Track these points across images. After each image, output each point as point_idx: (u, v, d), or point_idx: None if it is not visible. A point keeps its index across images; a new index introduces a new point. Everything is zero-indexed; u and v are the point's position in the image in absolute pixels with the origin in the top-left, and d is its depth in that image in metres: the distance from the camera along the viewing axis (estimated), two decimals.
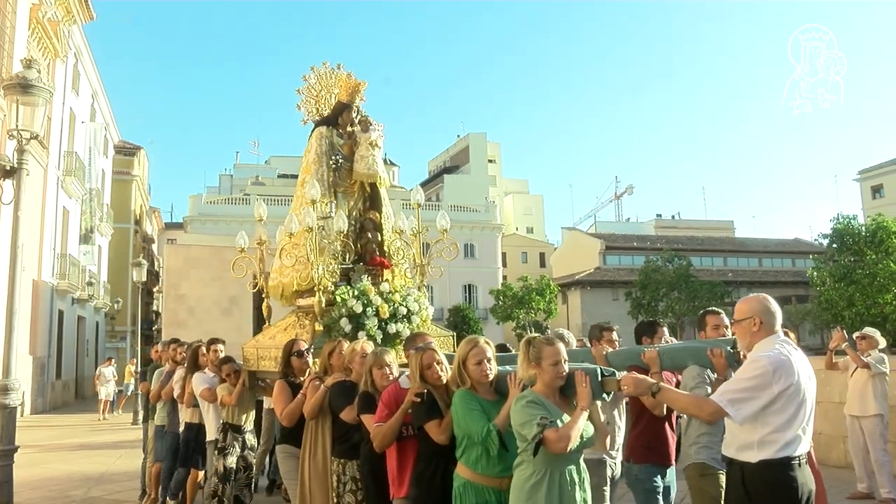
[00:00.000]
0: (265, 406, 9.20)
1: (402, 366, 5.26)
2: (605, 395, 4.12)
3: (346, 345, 5.84)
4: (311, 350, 6.09)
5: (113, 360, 26.93)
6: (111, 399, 24.35)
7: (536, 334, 4.37)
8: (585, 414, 3.93)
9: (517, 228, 73.93)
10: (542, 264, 66.31)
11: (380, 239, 7.22)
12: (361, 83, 7.23)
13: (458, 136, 72.32)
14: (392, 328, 6.55)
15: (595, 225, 74.77)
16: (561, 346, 4.17)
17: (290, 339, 6.16)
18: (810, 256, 47.37)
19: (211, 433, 7.41)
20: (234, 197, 54.29)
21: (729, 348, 4.88)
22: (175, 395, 8.20)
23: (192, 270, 26.75)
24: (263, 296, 7.47)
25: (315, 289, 6.49)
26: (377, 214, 7.30)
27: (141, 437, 10.61)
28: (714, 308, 5.65)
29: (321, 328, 6.41)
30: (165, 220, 65.52)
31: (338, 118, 7.35)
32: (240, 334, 12.20)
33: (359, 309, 6.37)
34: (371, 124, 7.28)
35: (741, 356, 4.99)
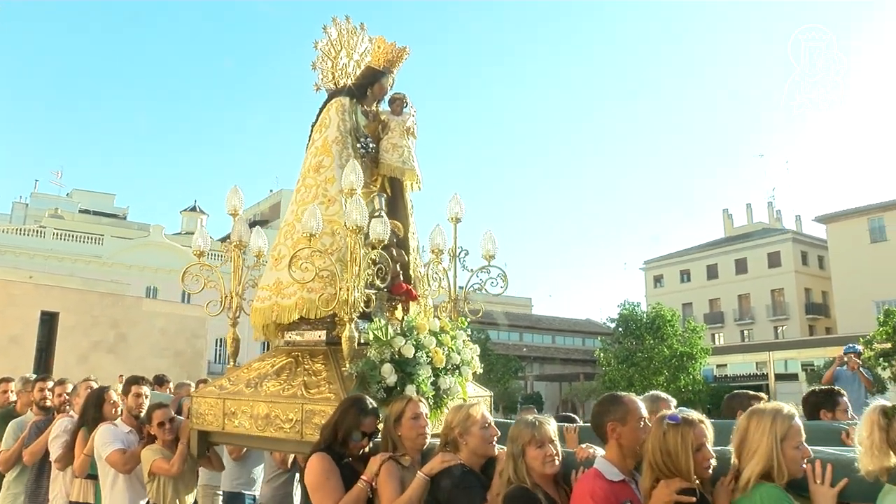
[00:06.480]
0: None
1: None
2: None
3: (422, 406, 3.66)
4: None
5: None
6: None
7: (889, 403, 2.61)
8: None
9: None
10: None
11: (406, 259, 5.00)
12: (405, 49, 5.06)
13: (272, 190, 68.83)
14: (445, 382, 4.35)
15: None
16: None
17: (355, 400, 3.69)
18: (599, 337, 48.91)
19: None
20: (28, 228, 47.07)
21: None
22: (53, 459, 5.28)
23: None
24: (229, 324, 4.92)
25: (346, 319, 4.15)
26: (400, 226, 5.08)
27: None
28: None
29: (352, 375, 4.05)
30: None
31: (367, 90, 5.12)
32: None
33: (409, 352, 4.12)
34: (406, 104, 5.15)
35: None
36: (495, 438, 3.39)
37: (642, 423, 3.04)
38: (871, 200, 50.83)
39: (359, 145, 4.86)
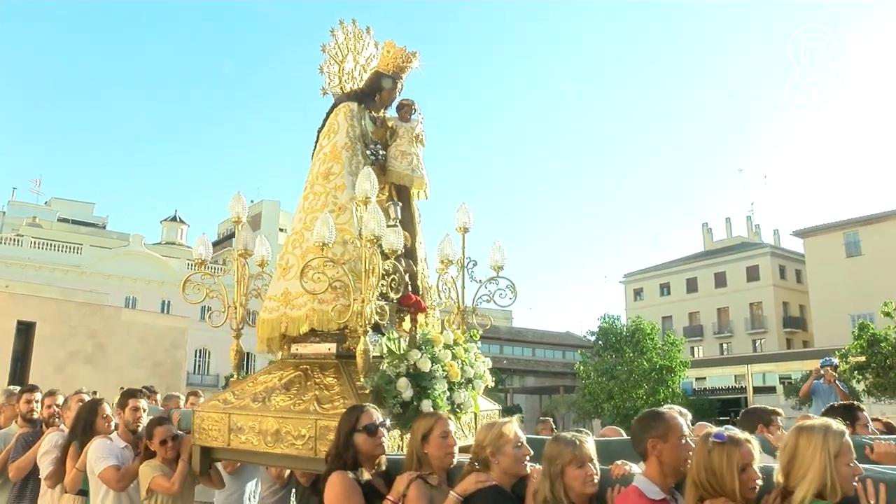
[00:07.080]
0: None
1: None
2: None
3: (451, 425, 3.51)
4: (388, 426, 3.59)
5: None
6: None
7: None
8: None
9: None
10: None
11: (414, 269, 4.85)
12: (414, 54, 4.92)
13: (252, 201, 68.47)
14: (459, 396, 4.20)
15: None
16: None
17: (353, 406, 3.59)
18: (579, 350, 48.84)
19: None
20: (5, 236, 46.29)
21: None
22: (43, 477, 5.03)
23: None
24: (233, 335, 4.72)
25: (360, 331, 3.99)
26: (407, 235, 4.92)
27: None
28: None
29: (367, 390, 3.89)
30: None
31: (375, 95, 4.97)
32: None
33: (425, 366, 3.97)
34: (414, 111, 5.01)
35: None
36: (528, 457, 3.24)
37: (684, 441, 2.93)
38: (847, 215, 51.49)
39: (368, 152, 4.72)
